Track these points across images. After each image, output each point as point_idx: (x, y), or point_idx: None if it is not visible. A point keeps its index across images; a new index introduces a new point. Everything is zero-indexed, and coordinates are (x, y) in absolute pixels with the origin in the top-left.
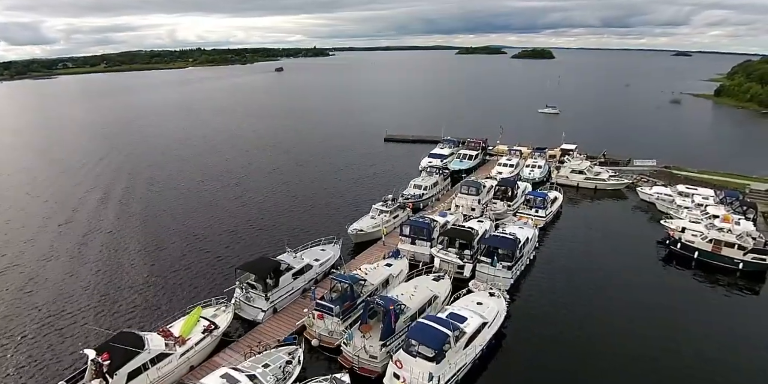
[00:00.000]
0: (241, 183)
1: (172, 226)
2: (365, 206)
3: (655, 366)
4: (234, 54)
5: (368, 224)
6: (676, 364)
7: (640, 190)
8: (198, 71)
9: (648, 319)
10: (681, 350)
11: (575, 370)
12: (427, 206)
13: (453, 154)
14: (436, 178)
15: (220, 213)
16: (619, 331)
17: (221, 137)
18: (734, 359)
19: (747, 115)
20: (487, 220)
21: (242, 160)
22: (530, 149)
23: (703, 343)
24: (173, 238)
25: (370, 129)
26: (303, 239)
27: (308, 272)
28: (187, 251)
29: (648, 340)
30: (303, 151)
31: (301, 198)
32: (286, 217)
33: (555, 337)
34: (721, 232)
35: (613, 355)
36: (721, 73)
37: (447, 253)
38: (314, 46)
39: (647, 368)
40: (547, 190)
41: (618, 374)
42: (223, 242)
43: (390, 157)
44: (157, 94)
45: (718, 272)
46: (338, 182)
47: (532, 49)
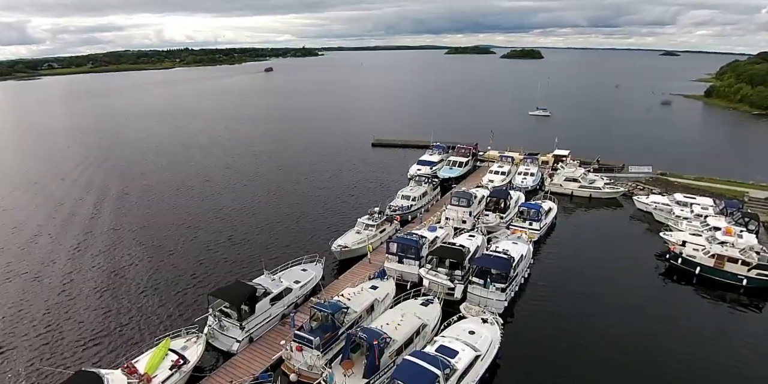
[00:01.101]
0: (219, 193)
1: (141, 244)
2: (351, 219)
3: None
4: (222, 54)
5: (353, 240)
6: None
7: (636, 199)
8: (185, 72)
9: (650, 342)
10: (685, 372)
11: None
12: (415, 218)
13: (442, 160)
14: (425, 187)
15: (195, 228)
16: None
17: (204, 143)
18: (740, 380)
19: (738, 117)
20: (478, 234)
21: (223, 168)
22: (522, 155)
23: (708, 363)
24: (142, 259)
25: (358, 133)
26: (283, 257)
27: (288, 296)
28: (157, 274)
29: (651, 365)
30: (287, 158)
31: (282, 210)
32: (267, 232)
33: (552, 368)
34: (723, 247)
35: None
36: (709, 73)
37: (436, 274)
38: (303, 46)
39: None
40: (540, 200)
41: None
42: (196, 262)
43: (378, 163)
44: (140, 96)
45: (721, 288)
46: (323, 192)
47: (521, 49)
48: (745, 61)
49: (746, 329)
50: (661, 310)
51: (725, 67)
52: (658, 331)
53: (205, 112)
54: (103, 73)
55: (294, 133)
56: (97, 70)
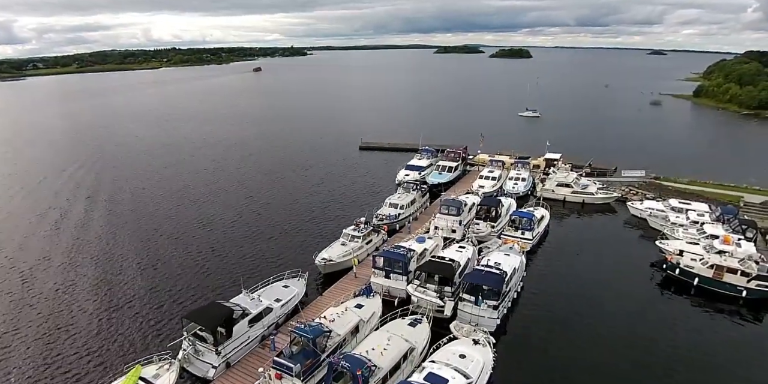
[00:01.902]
0: (202, 201)
1: (113, 260)
2: (336, 229)
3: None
4: (210, 54)
5: (338, 253)
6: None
7: (630, 205)
8: (172, 72)
9: (650, 357)
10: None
11: None
12: (404, 227)
13: (431, 165)
14: (414, 195)
15: (173, 241)
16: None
17: (191, 147)
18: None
19: (728, 117)
20: (469, 245)
21: (208, 173)
22: (513, 159)
23: (707, 376)
24: (112, 277)
25: (345, 136)
26: (264, 272)
27: (268, 317)
28: (129, 293)
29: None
30: (273, 163)
31: (266, 220)
32: (249, 244)
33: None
34: (722, 257)
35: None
36: (697, 72)
37: (425, 291)
38: (291, 46)
39: None
40: (532, 207)
41: None
42: (172, 280)
43: (365, 168)
44: (124, 97)
45: (720, 300)
46: (308, 199)
47: (510, 49)
48: (733, 61)
49: (746, 342)
50: (660, 325)
51: (713, 67)
52: (658, 347)
53: (192, 114)
54: (89, 73)
55: (281, 136)
56: (83, 71)
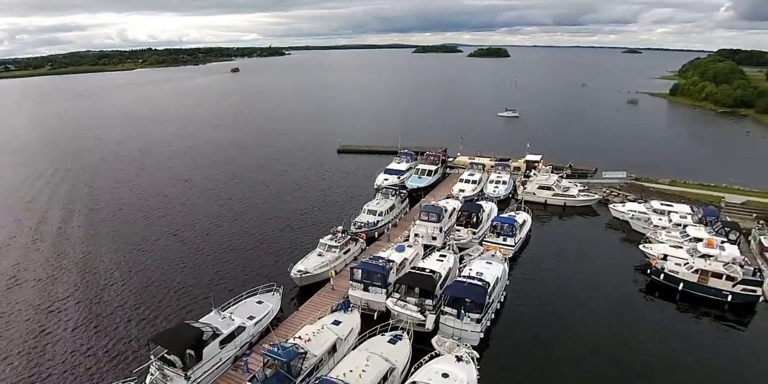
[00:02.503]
0: (176, 210)
1: (73, 277)
2: (313, 239)
3: None
4: (186, 54)
5: (314, 264)
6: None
7: (612, 207)
8: (147, 73)
9: (639, 366)
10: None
11: None
12: (383, 234)
13: (411, 168)
14: (393, 200)
15: (141, 255)
16: None
17: (161, 153)
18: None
19: (704, 115)
20: (450, 253)
21: (181, 180)
22: (493, 161)
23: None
24: (75, 295)
25: (323, 139)
26: (237, 287)
27: (241, 336)
28: (92, 314)
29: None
30: (248, 168)
31: (239, 230)
32: (220, 257)
33: None
34: (706, 261)
35: None
36: (672, 71)
37: (405, 306)
38: (269, 46)
39: None
40: (514, 211)
41: None
42: (138, 299)
43: (343, 172)
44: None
45: (706, 305)
46: (284, 207)
47: (488, 48)
48: (707, 59)
49: (733, 346)
50: (647, 333)
51: (687, 65)
52: (647, 357)
53: (166, 118)
54: (62, 75)
55: (257, 141)
56: (56, 72)
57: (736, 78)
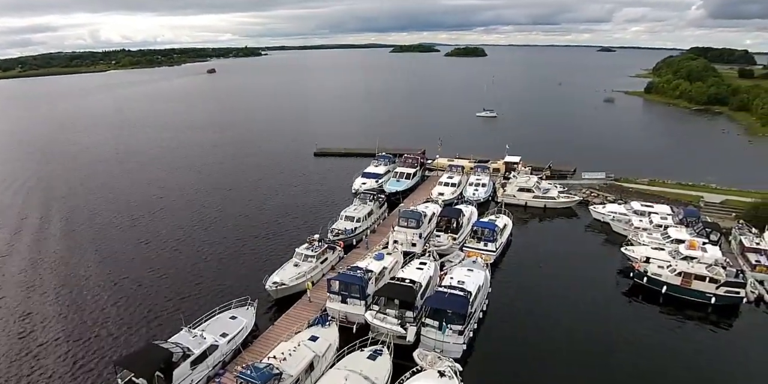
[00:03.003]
0: (140, 221)
1: (34, 293)
2: (289, 248)
3: None
4: (161, 55)
5: (291, 275)
6: None
7: (592, 208)
8: (120, 75)
9: (623, 374)
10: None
11: None
12: (361, 242)
13: (389, 172)
14: (370, 206)
15: (104, 268)
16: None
17: (132, 159)
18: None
19: (679, 113)
20: (430, 261)
21: (157, 187)
22: (472, 163)
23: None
24: (34, 313)
25: (300, 142)
26: (208, 302)
27: (213, 355)
28: (51, 335)
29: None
30: (223, 174)
31: (212, 239)
32: (191, 269)
33: None
34: (689, 263)
35: None
36: (646, 69)
37: (385, 318)
38: (246, 46)
39: None
40: (494, 215)
41: None
42: (102, 317)
43: (320, 176)
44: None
45: (689, 307)
46: (259, 213)
47: (465, 47)
48: (680, 57)
49: (717, 349)
50: (632, 337)
51: (661, 63)
52: (633, 362)
53: (138, 122)
54: (32, 77)
55: (233, 144)
56: (26, 75)
57: (710, 76)
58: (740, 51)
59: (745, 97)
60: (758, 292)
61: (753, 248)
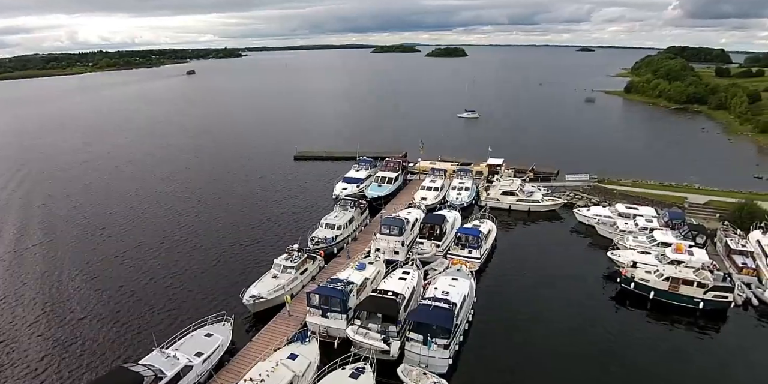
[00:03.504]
0: (112, 232)
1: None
2: (268, 258)
3: None
4: (139, 56)
5: (269, 287)
6: None
7: (577, 211)
8: (97, 77)
9: (610, 376)
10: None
11: None
12: (342, 250)
13: (370, 176)
14: (352, 213)
15: (72, 283)
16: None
17: (105, 165)
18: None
19: (660, 112)
20: (413, 270)
21: (133, 196)
22: (454, 165)
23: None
24: None
25: (279, 145)
26: (182, 318)
27: (187, 376)
28: (11, 361)
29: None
30: (200, 179)
31: (185, 251)
32: (164, 283)
33: None
34: (676, 268)
35: None
36: (625, 68)
37: (367, 334)
38: (225, 47)
39: None
40: (478, 219)
41: None
42: (68, 336)
43: (300, 180)
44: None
45: (677, 312)
46: (237, 221)
47: (446, 47)
48: (659, 57)
49: (706, 353)
50: (621, 344)
51: (640, 63)
52: (623, 369)
53: (116, 127)
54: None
55: (210, 149)
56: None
57: (688, 75)
58: (716, 50)
59: (723, 96)
60: (745, 295)
61: (739, 250)
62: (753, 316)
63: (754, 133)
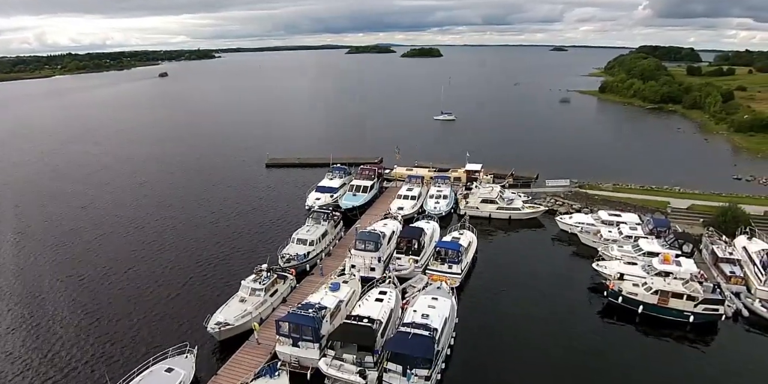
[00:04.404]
0: (58, 253)
1: None
2: (235, 279)
3: None
4: (110, 58)
5: (236, 312)
6: None
7: (559, 219)
8: (66, 81)
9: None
10: None
11: None
12: (315, 267)
13: (344, 184)
14: (325, 226)
15: (10, 317)
16: None
17: (66, 176)
18: None
19: (635, 112)
20: (390, 289)
21: (91, 209)
22: (432, 171)
23: None
24: None
25: (251, 152)
26: (139, 352)
27: None
28: None
29: None
30: (166, 192)
31: (146, 271)
32: (119, 311)
33: None
34: (665, 280)
35: None
36: (598, 67)
37: (342, 366)
38: (198, 48)
39: None
40: (458, 230)
41: None
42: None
43: (272, 190)
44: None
45: (667, 326)
46: (202, 237)
47: (421, 48)
48: (631, 56)
49: (697, 368)
50: (611, 360)
51: (613, 62)
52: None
53: (77, 134)
54: None
55: (178, 156)
56: None
57: (662, 75)
58: (686, 49)
59: (697, 95)
60: (735, 306)
61: (726, 258)
62: (744, 327)
63: (729, 132)
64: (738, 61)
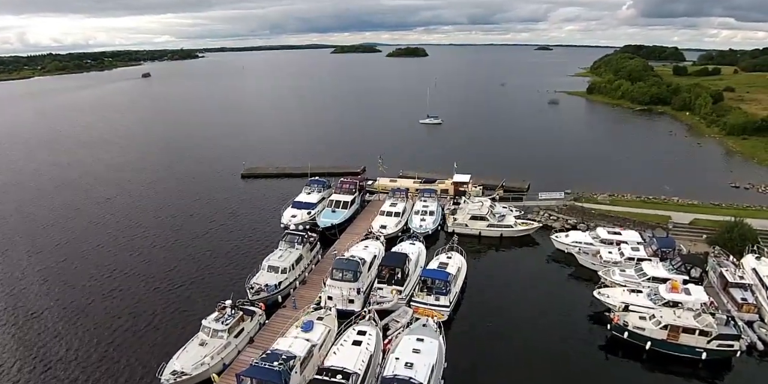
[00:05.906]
0: (10, 282)
1: None
2: (196, 318)
3: None
4: (91, 59)
5: (195, 359)
6: None
7: (555, 238)
8: (45, 82)
9: None
10: None
11: None
12: (288, 298)
13: (323, 199)
14: (300, 250)
15: None
16: None
17: (25, 187)
18: None
19: (624, 114)
20: (371, 327)
21: (48, 228)
22: (417, 183)
23: None
24: None
25: (226, 161)
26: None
27: None
28: None
29: None
30: (124, 205)
31: (93, 311)
32: (58, 363)
33: None
34: (674, 313)
35: None
36: (584, 67)
37: None
38: (182, 48)
39: None
40: (445, 253)
41: None
42: None
43: (246, 204)
44: None
45: (677, 363)
46: (162, 265)
47: (406, 47)
48: (618, 56)
49: None
50: None
51: (599, 62)
52: None
53: (47, 141)
54: None
55: (149, 165)
56: None
57: (649, 75)
58: (670, 48)
59: (687, 96)
60: (749, 338)
61: (737, 283)
62: (760, 362)
63: (721, 135)
64: (722, 60)
